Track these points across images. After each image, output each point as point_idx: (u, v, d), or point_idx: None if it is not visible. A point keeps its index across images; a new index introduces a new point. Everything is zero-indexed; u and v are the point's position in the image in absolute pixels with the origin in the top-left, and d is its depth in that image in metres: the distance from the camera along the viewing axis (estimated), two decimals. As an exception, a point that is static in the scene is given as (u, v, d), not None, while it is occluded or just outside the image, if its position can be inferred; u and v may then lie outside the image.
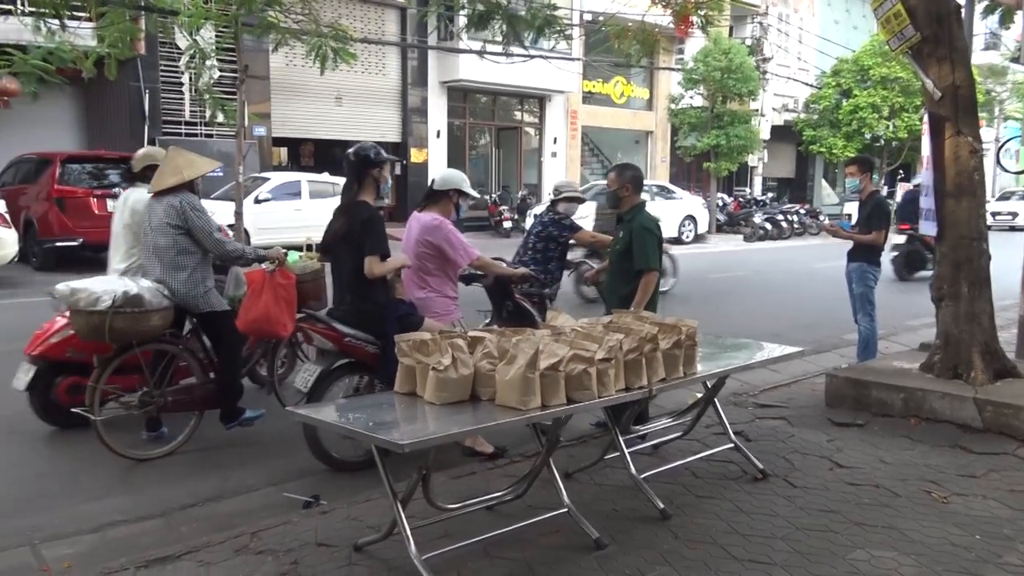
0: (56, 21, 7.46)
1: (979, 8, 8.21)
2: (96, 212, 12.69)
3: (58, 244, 12.79)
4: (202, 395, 5.02)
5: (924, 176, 6.09)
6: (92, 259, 13.73)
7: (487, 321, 5.83)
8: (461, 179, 5.07)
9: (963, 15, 6.32)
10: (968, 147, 5.61)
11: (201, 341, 5.09)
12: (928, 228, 5.90)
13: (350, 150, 4.79)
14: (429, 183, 5.25)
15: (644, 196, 5.38)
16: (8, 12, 13.02)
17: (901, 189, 31.14)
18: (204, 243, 4.82)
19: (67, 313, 4.95)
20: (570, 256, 6.86)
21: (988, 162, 7.06)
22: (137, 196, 5.33)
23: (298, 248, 6.14)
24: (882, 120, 25.97)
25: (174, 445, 4.95)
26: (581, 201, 6.59)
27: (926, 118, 5.98)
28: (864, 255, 6.81)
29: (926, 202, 5.95)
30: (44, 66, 7.40)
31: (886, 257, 7.58)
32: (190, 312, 4.94)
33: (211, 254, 4.94)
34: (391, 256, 4.65)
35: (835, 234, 7.20)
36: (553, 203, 6.50)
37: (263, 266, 5.10)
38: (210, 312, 4.93)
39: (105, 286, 4.57)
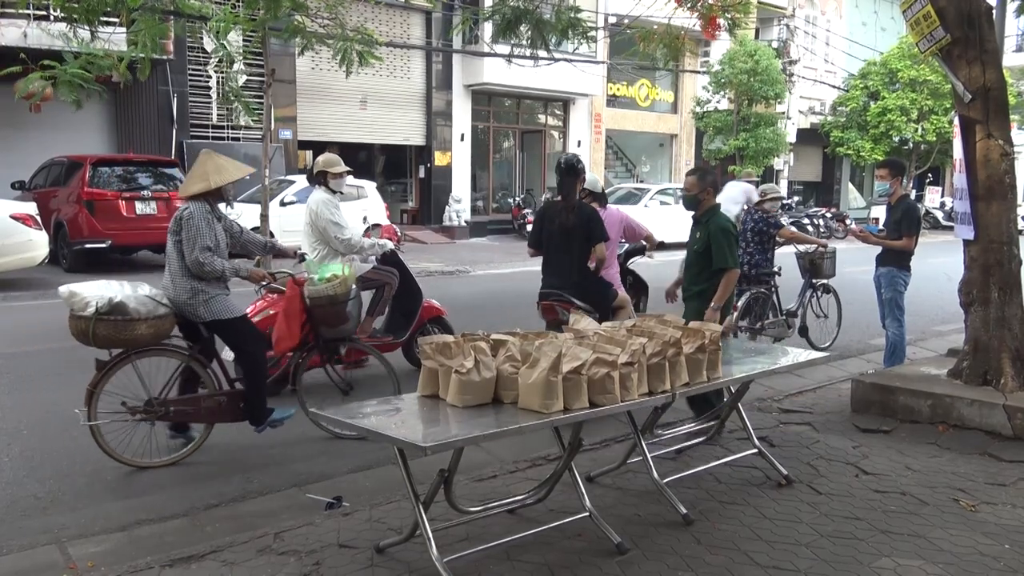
0: (87, 28, 7.55)
1: (1011, 8, 8.08)
2: (125, 214, 12.90)
3: (87, 246, 12.96)
4: (208, 407, 4.83)
5: (957, 179, 5.98)
6: (121, 260, 13.93)
7: None
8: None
9: (994, 16, 6.22)
10: (999, 150, 5.53)
11: (214, 351, 4.92)
12: (963, 232, 5.80)
13: (561, 160, 5.76)
14: (587, 188, 6.11)
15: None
16: (43, 18, 13.24)
17: (930, 193, 30.87)
18: (185, 255, 4.64)
19: (266, 297, 5.74)
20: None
21: (1020, 165, 6.92)
22: (314, 197, 6.26)
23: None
24: (911, 123, 25.65)
25: (177, 456, 4.84)
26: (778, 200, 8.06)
27: (956, 121, 5.89)
28: (894, 260, 6.73)
29: (960, 205, 5.86)
30: (83, 75, 7.50)
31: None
32: (191, 320, 4.76)
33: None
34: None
35: (864, 239, 7.04)
36: (760, 203, 7.90)
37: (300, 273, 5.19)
38: (215, 321, 4.75)
39: (97, 292, 4.44)
